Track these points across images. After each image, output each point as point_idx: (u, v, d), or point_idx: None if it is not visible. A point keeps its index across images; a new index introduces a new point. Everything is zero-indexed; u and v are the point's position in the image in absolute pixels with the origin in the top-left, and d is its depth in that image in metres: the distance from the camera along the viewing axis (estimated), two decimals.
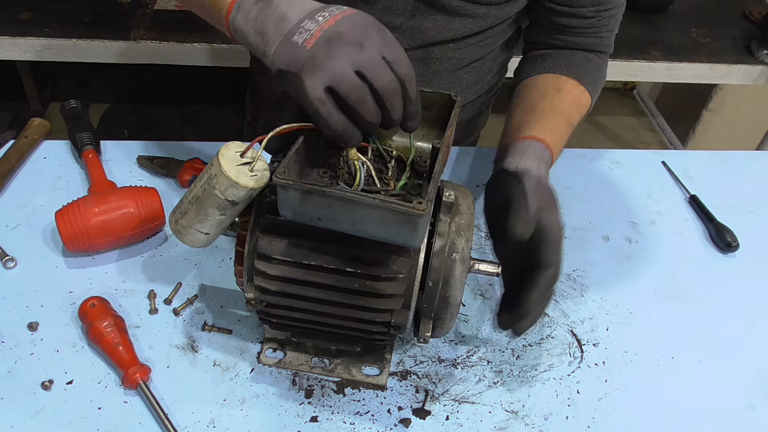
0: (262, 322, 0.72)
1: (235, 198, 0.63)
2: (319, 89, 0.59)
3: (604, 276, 0.92)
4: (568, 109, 0.88)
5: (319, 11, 0.62)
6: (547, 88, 0.90)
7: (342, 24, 0.60)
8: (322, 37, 0.60)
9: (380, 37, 0.61)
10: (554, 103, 0.87)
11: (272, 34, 0.63)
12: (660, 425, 0.76)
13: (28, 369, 0.74)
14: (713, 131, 2.53)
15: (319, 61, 0.59)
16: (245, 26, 0.65)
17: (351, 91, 0.59)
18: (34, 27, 1.63)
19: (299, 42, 0.60)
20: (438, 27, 0.93)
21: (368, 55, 0.59)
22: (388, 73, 0.60)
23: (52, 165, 1.00)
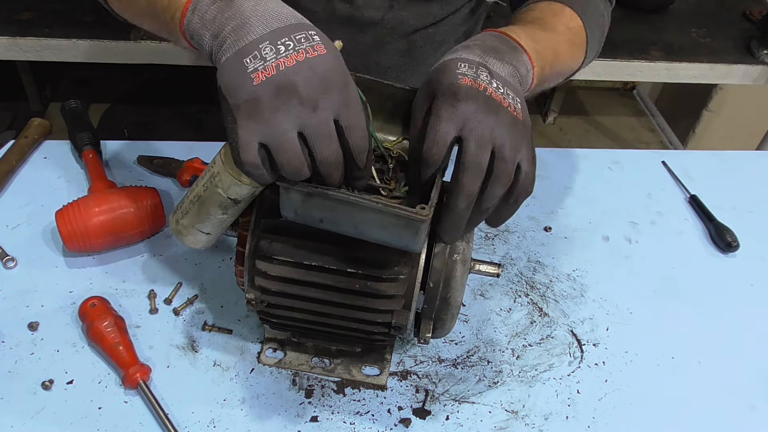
0: (263, 322, 0.72)
1: (237, 196, 0.63)
2: (253, 147, 0.52)
3: (604, 276, 0.92)
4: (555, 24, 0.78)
5: (284, 35, 0.53)
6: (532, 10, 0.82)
7: (301, 71, 0.52)
8: (274, 80, 0.52)
9: (341, 96, 0.54)
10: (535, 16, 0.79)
11: (228, 41, 0.55)
12: (660, 425, 0.76)
13: (28, 369, 0.74)
14: (713, 131, 2.53)
15: (260, 111, 0.52)
16: (201, 29, 0.58)
17: (287, 161, 0.53)
18: (34, 27, 1.63)
19: (248, 69, 0.52)
20: (417, 14, 0.93)
21: (318, 120, 0.53)
22: (333, 145, 0.54)
23: (52, 165, 1.00)
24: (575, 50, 0.81)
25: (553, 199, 1.03)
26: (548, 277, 0.91)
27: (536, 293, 0.89)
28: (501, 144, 0.56)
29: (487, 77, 0.58)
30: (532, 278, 0.91)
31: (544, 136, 2.68)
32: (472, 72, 0.58)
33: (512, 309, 0.86)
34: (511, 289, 0.89)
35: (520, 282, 0.90)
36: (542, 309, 0.87)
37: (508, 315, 0.86)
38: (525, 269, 0.92)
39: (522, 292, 0.89)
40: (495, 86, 0.58)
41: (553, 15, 0.80)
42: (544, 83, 0.74)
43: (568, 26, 0.80)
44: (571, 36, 0.80)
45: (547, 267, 0.92)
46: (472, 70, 0.58)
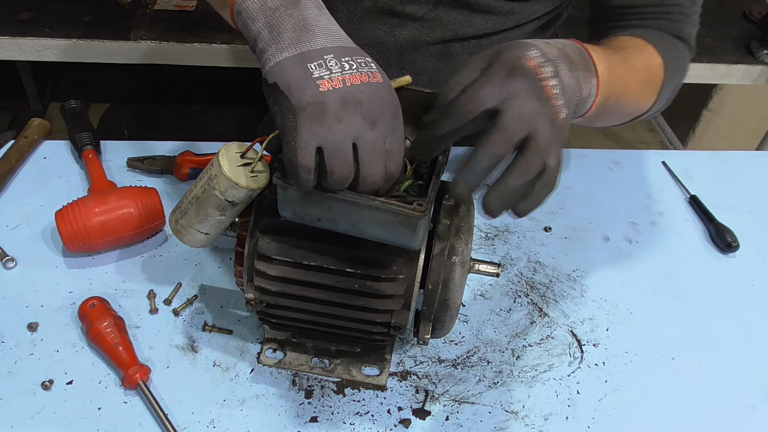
0: (262, 322, 0.72)
1: (234, 199, 0.63)
2: (311, 150, 0.53)
3: (604, 276, 0.92)
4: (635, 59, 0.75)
5: (347, 54, 0.56)
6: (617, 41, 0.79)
7: (366, 91, 0.54)
8: (341, 93, 0.53)
9: (393, 122, 0.56)
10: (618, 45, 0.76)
11: (287, 38, 0.55)
12: (660, 425, 0.76)
13: (28, 369, 0.74)
14: (713, 131, 2.53)
15: (325, 117, 0.53)
16: (258, 13, 0.57)
17: (338, 169, 0.54)
18: (34, 27, 1.63)
19: (313, 74, 0.53)
20: (459, 21, 0.91)
21: (374, 138, 0.54)
22: (380, 166, 0.55)
23: (52, 165, 1.00)
24: (647, 91, 0.78)
25: (553, 199, 1.03)
26: (548, 278, 0.91)
27: (536, 293, 0.89)
28: (536, 131, 0.54)
29: (551, 73, 0.57)
30: (532, 278, 0.91)
31: None
32: (541, 60, 0.57)
33: (512, 309, 0.86)
34: (511, 290, 0.89)
35: (520, 282, 0.90)
36: (542, 309, 0.87)
37: (508, 315, 0.86)
38: (525, 269, 0.92)
39: (522, 292, 0.89)
40: (553, 83, 0.56)
41: (635, 49, 0.77)
42: (603, 116, 0.71)
43: (647, 64, 0.77)
44: (648, 75, 0.77)
45: (547, 267, 0.92)
46: (541, 59, 0.57)
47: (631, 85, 0.72)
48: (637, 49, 0.77)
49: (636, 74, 0.74)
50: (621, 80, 0.69)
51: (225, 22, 0.65)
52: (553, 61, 0.57)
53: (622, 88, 0.70)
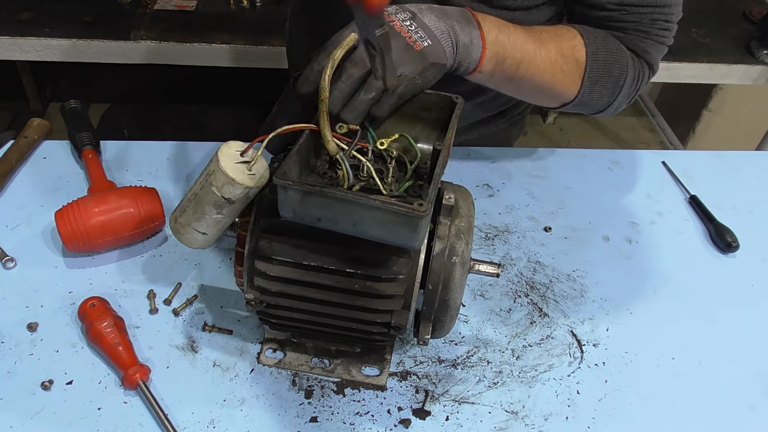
0: (262, 322, 0.72)
1: (231, 196, 0.63)
2: None
3: (604, 276, 0.92)
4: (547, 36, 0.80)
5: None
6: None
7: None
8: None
9: None
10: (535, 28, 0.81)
11: None
12: (660, 425, 0.76)
13: (27, 369, 0.74)
14: (713, 131, 2.53)
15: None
16: None
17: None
18: (34, 27, 1.63)
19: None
20: None
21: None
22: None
23: (52, 165, 1.00)
24: (559, 74, 0.81)
25: (553, 199, 1.03)
26: (548, 278, 0.91)
27: (536, 293, 0.89)
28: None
29: (405, 17, 0.67)
30: (532, 278, 0.90)
31: (544, 136, 2.68)
32: (395, 11, 0.67)
33: (512, 309, 0.86)
34: (511, 290, 0.89)
35: (520, 282, 0.90)
36: (542, 309, 0.87)
37: (508, 315, 0.86)
38: (525, 269, 0.92)
39: (522, 292, 0.89)
40: (406, 24, 0.67)
41: (555, 31, 0.81)
42: (506, 80, 0.78)
43: (560, 48, 0.80)
44: (560, 60, 0.80)
45: (547, 267, 0.92)
46: (396, 11, 0.67)
47: (534, 59, 0.77)
48: (556, 36, 0.81)
49: (542, 51, 0.78)
50: (520, 45, 0.76)
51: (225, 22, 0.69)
52: (413, 13, 0.68)
53: (521, 53, 0.76)
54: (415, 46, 0.66)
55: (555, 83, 0.82)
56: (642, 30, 0.87)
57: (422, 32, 0.68)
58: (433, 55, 0.67)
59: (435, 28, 0.69)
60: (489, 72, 0.75)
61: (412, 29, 0.67)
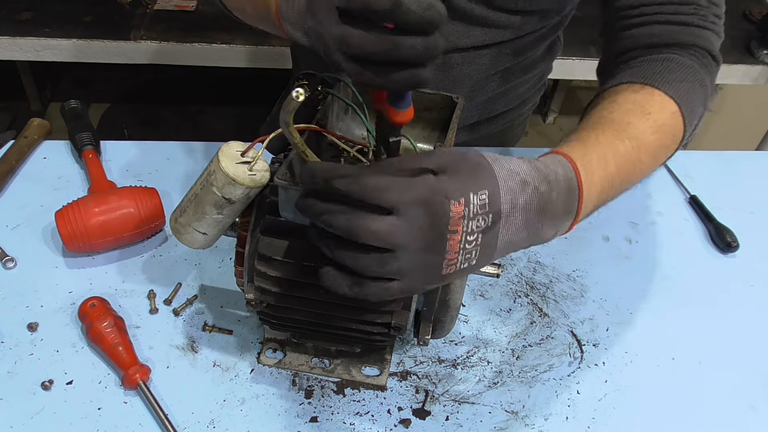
0: (262, 322, 0.72)
1: (231, 196, 0.63)
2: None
3: (604, 276, 0.92)
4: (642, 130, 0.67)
5: None
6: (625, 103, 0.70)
7: None
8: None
9: None
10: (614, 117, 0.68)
11: None
12: (660, 425, 0.76)
13: (28, 369, 0.74)
14: (713, 131, 2.53)
15: None
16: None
17: None
18: (34, 27, 1.63)
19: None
20: (458, 33, 0.91)
21: None
22: None
23: (52, 165, 1.00)
24: (663, 153, 0.71)
25: None
26: (548, 278, 0.91)
27: (536, 294, 0.89)
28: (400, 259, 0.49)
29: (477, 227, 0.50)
30: (532, 278, 0.91)
31: (544, 136, 2.69)
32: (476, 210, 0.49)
33: (512, 309, 0.86)
34: (511, 290, 0.89)
35: (520, 282, 0.90)
36: (542, 309, 0.87)
37: (507, 315, 0.86)
38: (525, 269, 0.92)
39: (522, 292, 0.89)
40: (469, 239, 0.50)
41: (642, 113, 0.68)
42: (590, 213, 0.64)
43: (659, 125, 0.68)
44: (663, 139, 0.69)
45: (547, 267, 0.92)
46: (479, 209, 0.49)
47: (636, 170, 0.67)
48: (643, 113, 0.68)
49: (644, 152, 0.67)
50: (619, 180, 0.64)
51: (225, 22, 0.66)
52: (496, 216, 0.50)
53: (620, 187, 0.64)
54: (445, 270, 0.50)
55: (656, 166, 0.71)
56: (701, 15, 0.76)
57: (477, 253, 0.51)
58: (461, 275, 0.53)
59: (504, 244, 0.52)
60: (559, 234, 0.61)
61: (468, 248, 0.50)
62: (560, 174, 0.56)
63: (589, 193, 0.59)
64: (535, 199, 0.53)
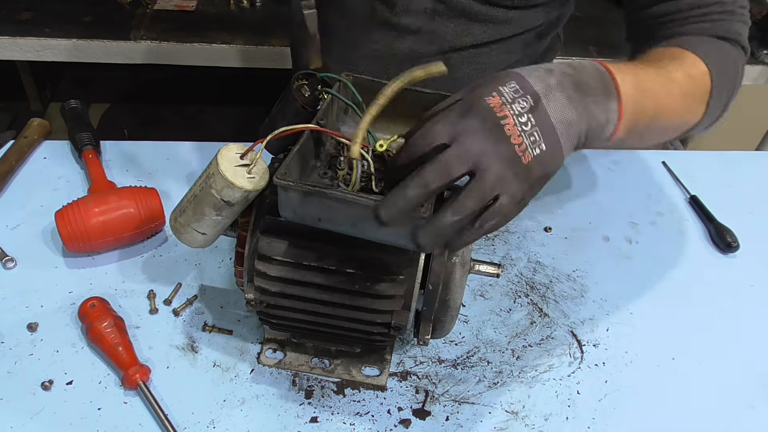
0: (262, 322, 0.72)
1: (230, 199, 0.63)
2: None
3: (604, 276, 0.92)
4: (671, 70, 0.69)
5: None
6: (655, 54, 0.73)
7: None
8: None
9: None
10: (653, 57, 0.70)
11: None
12: (660, 425, 0.76)
13: (27, 369, 0.74)
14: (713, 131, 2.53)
15: None
16: None
17: None
18: (34, 27, 1.63)
19: None
20: (457, 32, 0.91)
21: None
22: None
23: (52, 165, 1.00)
24: (691, 103, 0.72)
25: (553, 199, 1.03)
26: (548, 278, 0.91)
27: (536, 294, 0.89)
28: (484, 168, 0.52)
29: (522, 109, 0.53)
30: (532, 279, 0.90)
31: None
32: (511, 95, 0.53)
33: (512, 309, 0.86)
34: (511, 290, 0.89)
35: (520, 282, 0.90)
36: (542, 309, 0.87)
37: (508, 315, 0.86)
38: (525, 269, 0.92)
39: (522, 292, 0.89)
40: (521, 120, 0.53)
41: (672, 59, 0.71)
42: (638, 138, 0.66)
43: (688, 73, 0.70)
44: (691, 86, 0.70)
45: (547, 267, 0.92)
46: (514, 94, 0.54)
47: (668, 101, 0.67)
48: (674, 59, 0.71)
49: (674, 87, 0.68)
50: (654, 98, 0.64)
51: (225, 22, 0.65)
52: (536, 96, 0.54)
53: (654, 107, 0.65)
54: (524, 158, 0.53)
55: (687, 114, 0.72)
56: (728, 11, 0.77)
57: (538, 133, 0.54)
58: (544, 163, 0.55)
59: (561, 120, 0.55)
60: (620, 139, 0.63)
61: (527, 130, 0.53)
62: (584, 62, 0.60)
63: (623, 80, 0.60)
64: (566, 79, 0.56)
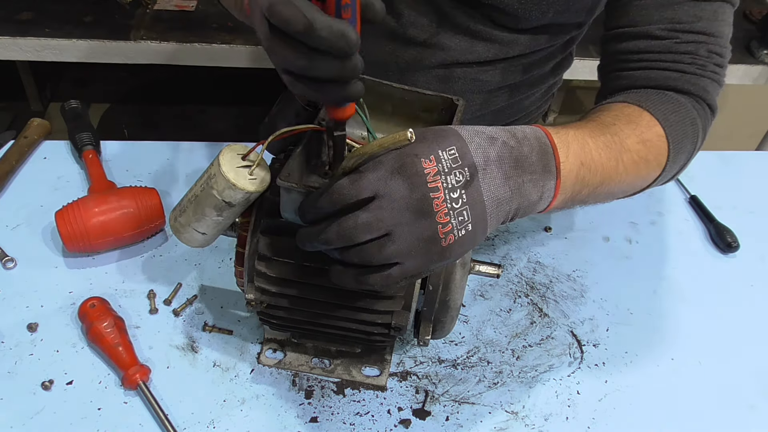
0: (262, 322, 0.72)
1: (232, 200, 0.63)
2: None
3: (604, 276, 0.92)
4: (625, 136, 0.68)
5: None
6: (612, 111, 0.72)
7: None
8: None
9: None
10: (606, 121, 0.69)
11: None
12: (660, 425, 0.76)
13: (28, 369, 0.74)
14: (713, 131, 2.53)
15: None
16: None
17: None
18: (34, 27, 1.63)
19: None
20: (461, 48, 0.91)
21: None
22: None
23: (52, 165, 1.00)
24: (644, 168, 0.71)
25: None
26: (548, 278, 0.91)
27: (536, 294, 0.89)
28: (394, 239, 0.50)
29: (456, 183, 0.50)
30: (532, 279, 0.91)
31: None
32: (449, 165, 0.50)
33: (512, 309, 0.86)
34: (511, 290, 0.89)
35: (520, 282, 0.90)
36: (542, 309, 0.87)
37: (508, 315, 0.86)
38: (525, 270, 0.92)
39: (522, 292, 0.89)
40: (453, 197, 0.50)
41: (628, 122, 0.70)
42: (577, 203, 0.65)
43: (643, 138, 0.69)
44: (644, 152, 0.69)
45: (547, 267, 0.92)
46: (452, 164, 0.51)
47: (617, 170, 0.66)
48: (630, 123, 0.70)
49: (626, 155, 0.67)
50: (601, 170, 0.63)
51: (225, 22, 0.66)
52: (474, 168, 0.51)
53: (601, 178, 0.64)
54: (444, 241, 0.50)
55: (638, 180, 0.72)
56: (699, 64, 0.77)
57: (468, 212, 0.51)
58: (464, 245, 0.52)
59: (493, 199, 0.52)
60: (555, 208, 0.61)
61: (457, 207, 0.50)
62: (528, 132, 0.57)
63: (566, 155, 0.58)
64: (506, 152, 0.54)
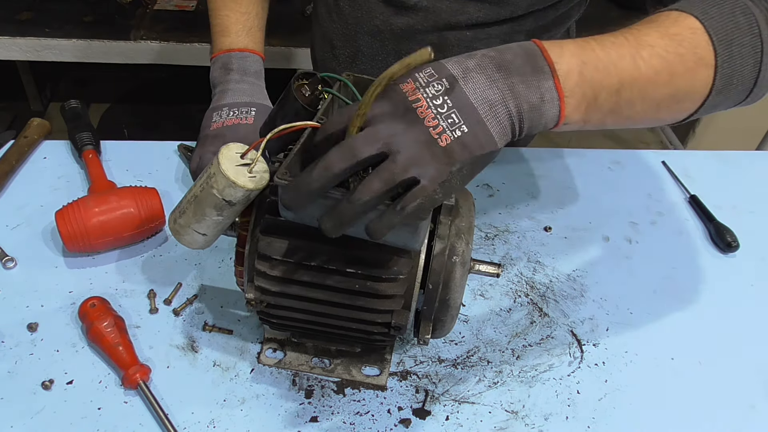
0: (262, 322, 0.72)
1: (232, 198, 0.63)
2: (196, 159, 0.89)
3: (604, 276, 0.92)
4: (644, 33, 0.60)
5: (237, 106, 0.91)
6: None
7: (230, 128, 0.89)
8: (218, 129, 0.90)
9: None
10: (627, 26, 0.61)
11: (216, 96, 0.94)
12: (660, 425, 0.76)
13: (28, 369, 0.74)
14: (713, 131, 2.53)
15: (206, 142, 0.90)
16: (213, 73, 0.96)
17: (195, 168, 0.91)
18: (34, 27, 1.63)
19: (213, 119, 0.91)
20: (452, 9, 0.91)
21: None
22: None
23: (52, 165, 1.00)
24: (679, 65, 0.60)
25: (553, 199, 1.03)
26: (548, 277, 0.91)
27: (536, 293, 0.89)
28: (395, 150, 0.51)
29: (436, 92, 0.53)
30: (532, 278, 0.91)
31: (544, 136, 2.68)
32: (425, 79, 0.53)
33: (512, 309, 0.86)
34: (511, 290, 0.89)
35: (520, 282, 0.90)
36: (542, 309, 0.87)
37: (508, 315, 0.86)
38: (525, 269, 0.92)
39: (522, 292, 0.89)
40: (436, 103, 0.52)
41: (649, 21, 0.62)
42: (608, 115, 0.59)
43: (667, 32, 0.60)
44: (672, 46, 0.59)
45: (547, 267, 0.92)
46: (428, 78, 0.53)
47: (638, 67, 0.58)
48: (650, 21, 0.61)
49: (644, 50, 0.59)
50: (614, 68, 0.57)
51: None
52: (452, 78, 0.53)
53: (618, 77, 0.57)
54: (440, 141, 0.52)
55: (682, 82, 0.61)
56: None
57: (456, 116, 0.52)
58: (468, 145, 0.52)
59: (481, 101, 0.53)
60: (580, 119, 0.57)
61: (443, 112, 0.52)
62: (512, 45, 0.57)
63: (560, 54, 0.56)
64: (486, 60, 0.55)
